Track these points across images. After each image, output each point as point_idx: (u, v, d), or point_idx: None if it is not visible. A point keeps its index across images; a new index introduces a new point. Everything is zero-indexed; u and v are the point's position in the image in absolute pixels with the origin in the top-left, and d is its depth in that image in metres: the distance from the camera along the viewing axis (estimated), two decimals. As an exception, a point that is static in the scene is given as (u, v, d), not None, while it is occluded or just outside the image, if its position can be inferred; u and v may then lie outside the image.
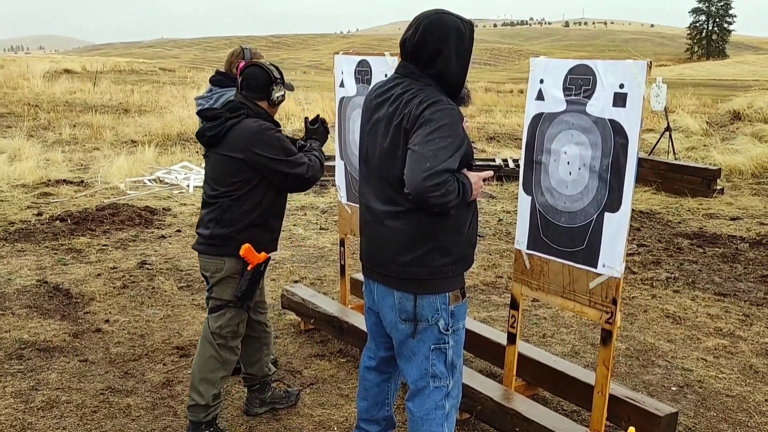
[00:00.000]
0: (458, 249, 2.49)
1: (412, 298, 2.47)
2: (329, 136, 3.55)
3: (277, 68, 3.22)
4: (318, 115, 3.42)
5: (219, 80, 3.80)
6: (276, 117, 3.27)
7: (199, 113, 3.19)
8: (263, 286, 3.42)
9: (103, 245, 6.51)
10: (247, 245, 3.02)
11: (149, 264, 5.95)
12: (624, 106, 2.70)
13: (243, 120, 3.07)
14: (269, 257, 3.14)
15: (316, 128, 3.38)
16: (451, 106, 2.36)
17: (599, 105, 2.79)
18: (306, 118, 3.40)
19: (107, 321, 4.70)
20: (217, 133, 3.05)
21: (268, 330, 3.49)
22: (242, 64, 3.77)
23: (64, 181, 9.39)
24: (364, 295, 2.77)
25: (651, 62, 2.67)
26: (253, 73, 3.16)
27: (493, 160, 10.88)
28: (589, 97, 2.83)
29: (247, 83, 3.16)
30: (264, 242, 3.13)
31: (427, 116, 2.29)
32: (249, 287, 3.08)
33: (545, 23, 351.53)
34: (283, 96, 3.20)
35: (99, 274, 5.65)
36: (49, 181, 9.34)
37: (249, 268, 3.05)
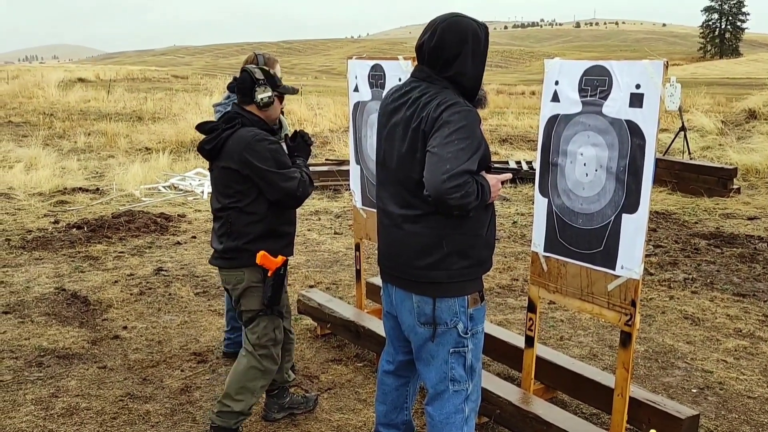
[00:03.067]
0: (476, 252, 2.48)
1: (431, 301, 2.47)
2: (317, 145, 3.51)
3: (264, 70, 3.17)
4: (296, 131, 3.35)
5: (234, 85, 3.80)
6: (288, 122, 3.27)
7: (197, 127, 3.17)
8: (286, 290, 3.40)
9: (120, 252, 6.55)
10: (262, 252, 3.02)
11: (165, 270, 5.98)
12: (641, 106, 2.69)
13: (238, 130, 3.04)
14: (287, 259, 3.15)
15: (297, 144, 3.31)
16: (469, 108, 2.36)
17: (615, 106, 2.77)
18: (286, 135, 3.33)
19: (125, 328, 4.73)
20: (215, 145, 3.04)
21: (291, 336, 3.49)
22: None
23: (80, 189, 9.47)
24: (382, 299, 2.76)
25: (667, 62, 2.65)
26: (242, 78, 3.14)
27: (507, 163, 10.85)
28: (605, 98, 2.81)
29: (239, 89, 3.14)
30: (277, 249, 3.12)
31: (445, 118, 2.29)
32: (274, 292, 3.09)
33: (556, 24, 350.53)
34: (270, 98, 3.12)
35: (116, 281, 5.68)
36: (65, 189, 9.43)
37: (269, 274, 3.06)
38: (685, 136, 11.17)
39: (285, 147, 3.81)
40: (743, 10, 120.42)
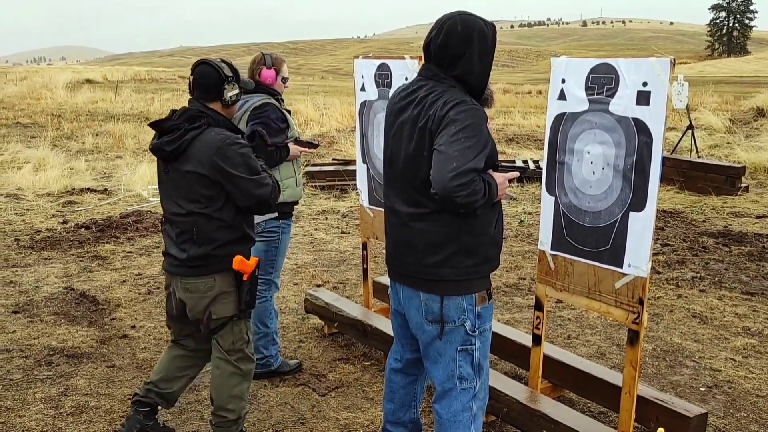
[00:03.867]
0: (484, 250, 2.49)
1: (439, 299, 2.47)
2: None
3: (230, 65, 2.98)
4: (254, 131, 3.16)
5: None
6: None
7: (151, 125, 2.92)
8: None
9: (128, 252, 6.58)
10: (238, 257, 2.88)
11: (173, 270, 6.00)
12: (648, 104, 2.68)
13: (205, 131, 2.82)
14: (259, 259, 3.03)
15: (256, 145, 3.13)
16: (476, 106, 2.36)
17: (622, 104, 2.77)
18: (242, 134, 3.09)
19: (133, 327, 4.75)
20: (178, 146, 2.80)
21: (206, 359, 3.23)
22: (264, 70, 3.80)
23: (88, 189, 9.52)
24: (389, 297, 2.77)
25: (674, 59, 2.65)
26: (203, 72, 2.90)
27: (513, 162, 10.83)
28: (611, 96, 2.81)
29: (198, 84, 2.90)
30: (245, 252, 2.98)
31: (452, 117, 2.29)
32: (252, 296, 2.98)
33: (563, 23, 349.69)
34: (238, 95, 2.95)
35: (124, 281, 5.71)
36: (74, 189, 9.47)
37: (245, 278, 2.93)
38: (692, 134, 11.13)
39: (291, 147, 3.82)
40: (751, 8, 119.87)
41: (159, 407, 3.27)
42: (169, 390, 3.22)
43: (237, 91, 2.93)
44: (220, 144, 2.78)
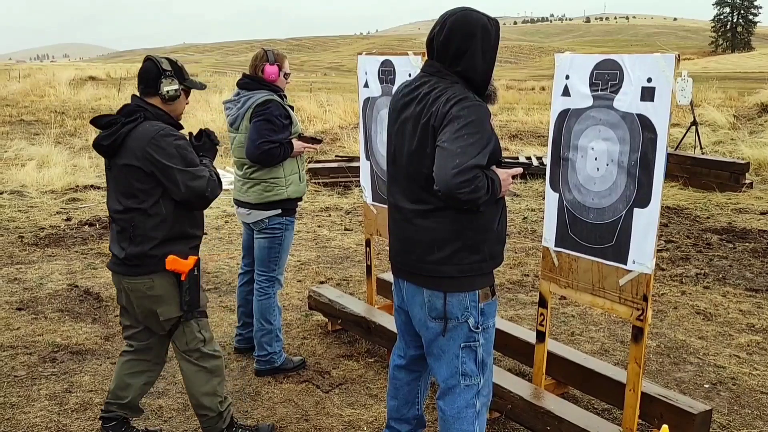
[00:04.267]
0: (488, 247, 2.48)
1: (442, 296, 2.47)
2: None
3: (171, 61, 2.91)
4: (202, 130, 3.07)
5: (246, 83, 3.81)
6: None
7: (92, 122, 2.90)
8: (203, 289, 3.11)
9: (132, 249, 6.58)
10: (171, 257, 2.82)
11: (177, 267, 6.01)
12: (652, 100, 2.67)
13: (140, 124, 2.79)
14: (199, 258, 2.94)
15: (203, 144, 3.03)
16: (479, 102, 2.35)
17: (627, 100, 2.76)
18: (190, 133, 3.04)
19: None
20: (114, 141, 2.77)
21: (155, 361, 3.18)
22: (267, 66, 3.79)
23: (92, 186, 9.53)
24: (393, 294, 2.77)
25: (679, 55, 2.63)
26: (145, 67, 2.87)
27: (517, 158, 10.82)
28: (616, 92, 2.80)
29: (140, 79, 2.87)
30: (186, 252, 2.89)
31: (455, 113, 2.28)
32: (191, 296, 2.90)
33: (566, 19, 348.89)
34: (177, 91, 2.87)
35: (128, 278, 5.71)
36: (77, 186, 9.49)
37: (182, 278, 2.86)
38: (696, 130, 11.10)
39: (295, 143, 3.82)
40: (755, 3, 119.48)
41: (128, 418, 3.20)
42: (127, 398, 3.14)
43: (176, 86, 2.87)
44: (154, 134, 2.75)
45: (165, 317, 2.92)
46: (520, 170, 2.57)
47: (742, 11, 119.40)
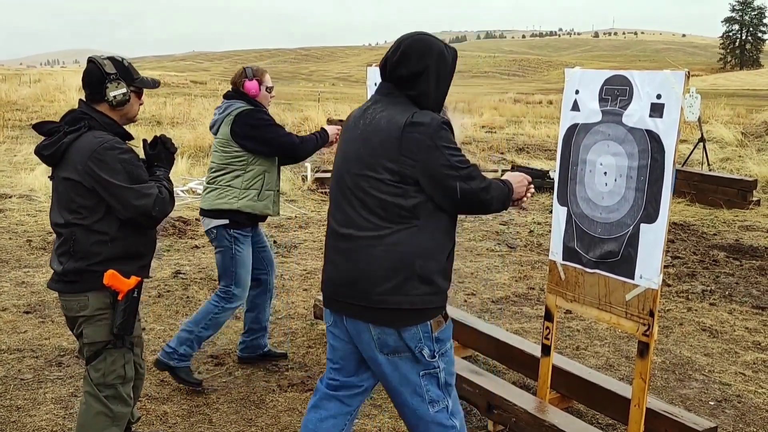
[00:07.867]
0: (437, 279, 2.35)
1: (393, 332, 2.32)
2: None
3: (116, 60, 2.68)
4: (156, 137, 2.84)
5: (229, 94, 3.92)
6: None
7: (34, 127, 2.68)
8: (140, 318, 2.86)
9: (139, 255, 6.61)
10: (110, 272, 2.57)
11: (183, 273, 6.03)
12: (661, 116, 2.69)
13: (84, 134, 2.57)
14: (141, 280, 2.68)
15: (157, 153, 2.81)
16: (429, 119, 2.29)
17: (636, 115, 2.78)
18: (144, 141, 2.85)
19: (143, 329, 4.77)
20: (55, 151, 2.56)
21: (141, 371, 2.97)
22: (246, 82, 3.84)
23: (100, 191, 9.56)
24: (325, 319, 2.57)
25: (689, 72, 2.65)
26: (88, 70, 2.64)
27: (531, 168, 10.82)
28: (625, 107, 2.82)
29: (84, 83, 2.65)
30: (130, 271, 2.64)
31: (426, 139, 2.26)
32: (125, 319, 2.62)
33: (574, 34, 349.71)
34: (126, 95, 2.65)
35: (135, 284, 5.73)
36: (86, 191, 9.52)
37: (120, 297, 2.61)
38: (704, 147, 11.11)
39: (329, 129, 3.90)
40: (764, 21, 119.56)
41: (130, 425, 3.05)
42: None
43: (124, 90, 2.64)
44: (97, 147, 2.52)
45: (89, 340, 2.65)
46: (529, 177, 2.58)
47: (752, 29, 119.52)
